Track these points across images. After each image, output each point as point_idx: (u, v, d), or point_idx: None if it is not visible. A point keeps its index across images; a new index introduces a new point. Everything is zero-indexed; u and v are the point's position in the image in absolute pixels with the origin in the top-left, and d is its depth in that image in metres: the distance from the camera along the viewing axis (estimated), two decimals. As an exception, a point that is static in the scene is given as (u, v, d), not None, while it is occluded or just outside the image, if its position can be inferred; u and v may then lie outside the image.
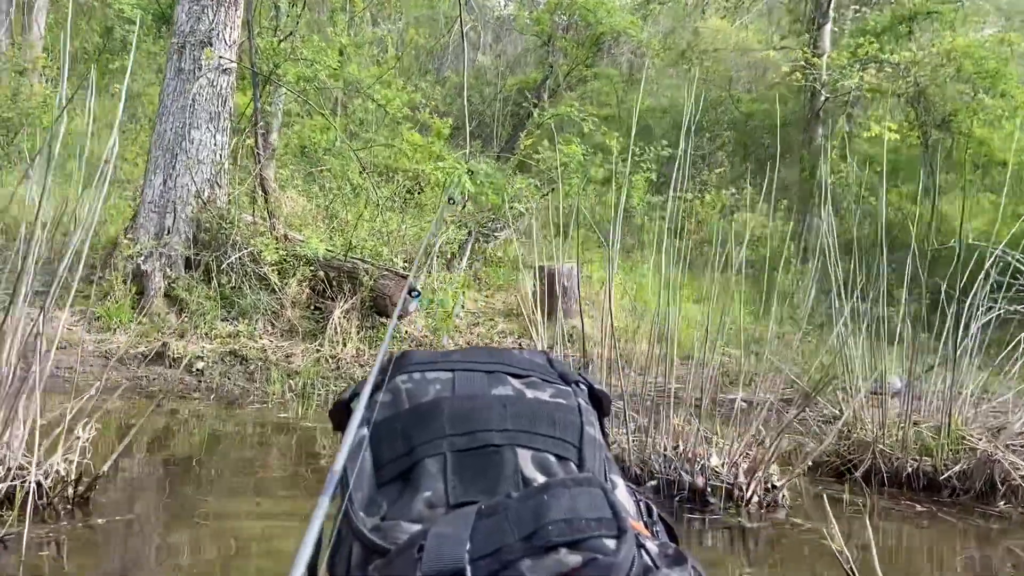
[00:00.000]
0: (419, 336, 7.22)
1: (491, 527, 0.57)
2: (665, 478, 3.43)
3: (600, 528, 0.57)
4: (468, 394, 0.75)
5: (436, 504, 0.65)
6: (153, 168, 7.14)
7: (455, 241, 8.75)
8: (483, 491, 0.65)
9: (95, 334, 6.31)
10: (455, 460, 0.68)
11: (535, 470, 0.68)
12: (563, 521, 0.57)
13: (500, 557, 0.55)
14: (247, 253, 6.88)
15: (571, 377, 0.81)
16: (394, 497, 0.68)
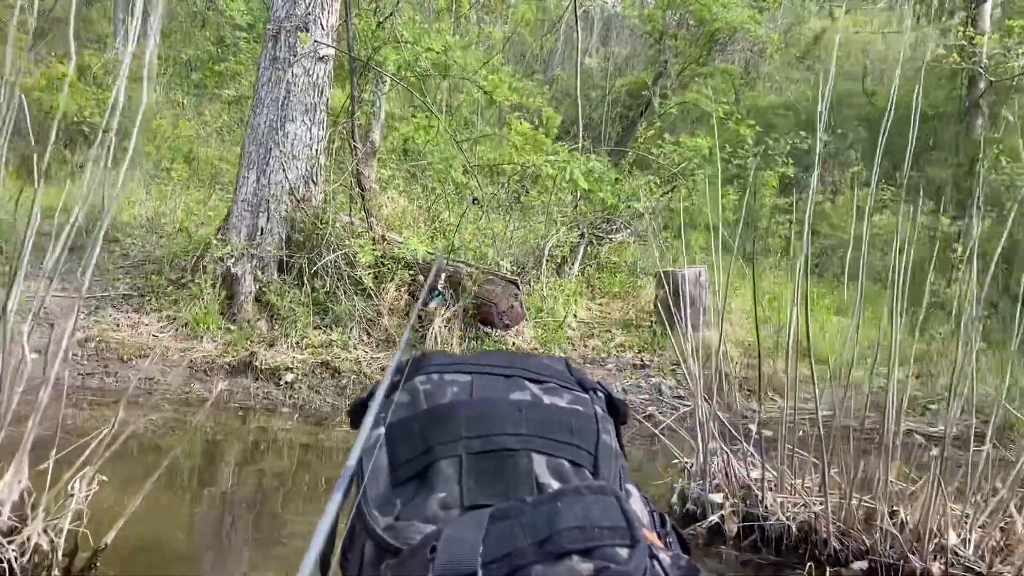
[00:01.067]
0: (527, 348, 6.43)
1: (504, 531, 0.57)
2: (882, 560, 2.46)
3: (613, 537, 0.56)
4: (485, 397, 0.74)
5: (450, 505, 0.64)
6: (247, 164, 6.68)
7: (566, 244, 7.94)
8: (497, 494, 0.64)
9: (181, 342, 5.85)
10: (470, 462, 0.67)
11: (550, 476, 0.67)
12: (576, 528, 0.56)
13: (512, 561, 0.54)
14: (342, 255, 6.30)
15: (589, 384, 0.81)
16: (409, 497, 0.67)
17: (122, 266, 6.82)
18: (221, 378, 5.57)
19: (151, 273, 6.46)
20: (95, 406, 4.76)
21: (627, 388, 5.91)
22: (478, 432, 0.70)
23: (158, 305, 6.16)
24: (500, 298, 6.12)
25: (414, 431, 0.72)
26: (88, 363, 5.30)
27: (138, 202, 8.11)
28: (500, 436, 0.70)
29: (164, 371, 5.46)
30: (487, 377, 0.77)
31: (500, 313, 6.13)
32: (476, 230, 6.69)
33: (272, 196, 6.58)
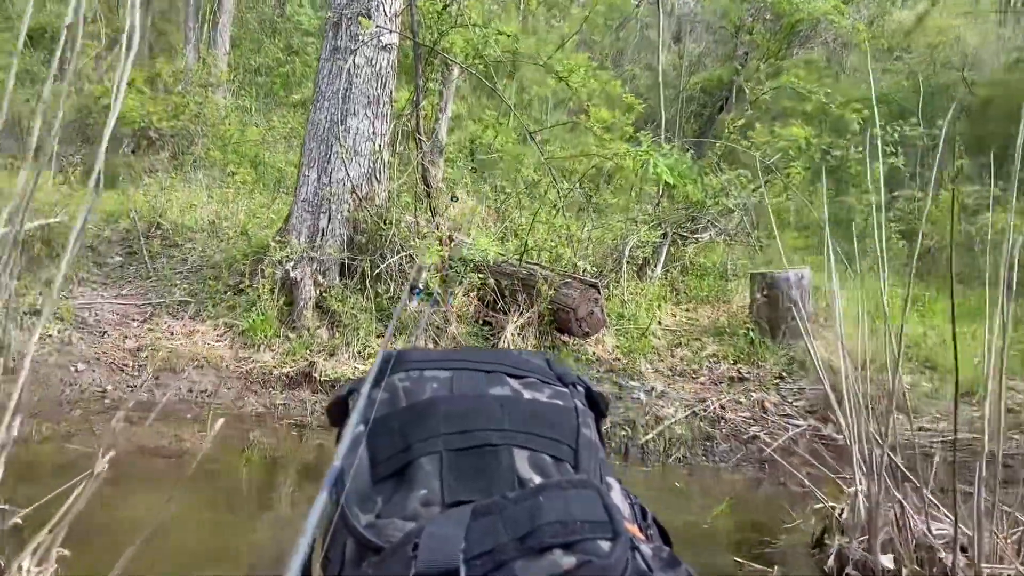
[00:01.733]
0: (609, 359, 5.81)
1: (486, 527, 0.56)
2: None
3: (595, 530, 0.56)
4: (466, 393, 0.75)
5: (431, 502, 0.64)
6: (307, 162, 6.29)
7: (647, 244, 7.28)
8: (478, 490, 0.64)
9: (237, 351, 5.46)
10: (451, 459, 0.67)
11: (531, 471, 0.67)
12: (558, 523, 0.56)
13: (494, 557, 0.54)
14: (406, 257, 5.82)
15: (569, 378, 0.82)
16: (389, 494, 0.67)
17: (180, 271, 6.52)
18: (277, 391, 5.14)
19: (209, 278, 6.12)
20: (136, 423, 4.38)
21: (725, 405, 5.23)
22: (458, 428, 0.70)
23: (215, 312, 5.80)
24: (579, 303, 5.53)
25: (394, 428, 0.72)
26: (139, 374, 4.95)
27: (200, 205, 7.84)
28: (481, 432, 0.70)
29: (217, 382, 5.07)
30: (467, 373, 0.78)
31: (579, 320, 5.54)
32: (551, 228, 6.11)
33: (334, 195, 6.16)
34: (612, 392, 5.36)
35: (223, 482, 3.81)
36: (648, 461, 4.43)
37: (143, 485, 3.65)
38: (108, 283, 6.19)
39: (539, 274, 5.67)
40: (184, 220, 7.56)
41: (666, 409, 5.09)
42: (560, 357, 5.62)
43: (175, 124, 10.41)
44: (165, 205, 7.63)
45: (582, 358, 5.71)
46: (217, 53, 13.99)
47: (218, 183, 8.99)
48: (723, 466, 4.45)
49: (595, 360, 5.76)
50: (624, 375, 5.60)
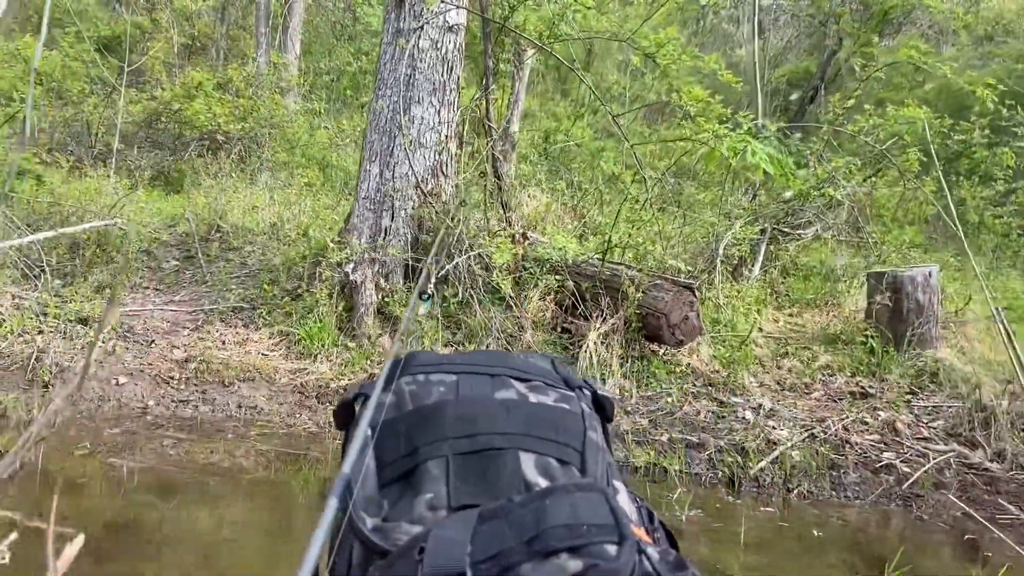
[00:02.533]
0: (706, 370, 5.09)
1: (492, 531, 0.56)
2: None
3: (601, 534, 0.56)
4: (472, 397, 0.74)
5: (438, 506, 0.64)
6: (369, 156, 5.79)
7: (743, 241, 6.51)
8: (485, 494, 0.64)
9: (292, 361, 4.98)
10: (457, 463, 0.67)
11: (537, 474, 0.67)
12: (564, 526, 0.56)
13: (501, 561, 0.54)
14: (476, 257, 5.24)
15: (575, 382, 0.81)
16: (396, 498, 0.67)
17: (237, 276, 6.12)
18: (334, 406, 4.62)
19: (265, 283, 5.69)
20: (177, 443, 3.92)
21: (848, 426, 4.44)
22: (465, 432, 0.69)
23: (270, 319, 5.35)
24: (671, 308, 4.83)
25: (400, 432, 0.71)
26: (185, 388, 4.51)
27: (262, 207, 7.48)
28: (487, 435, 0.69)
29: (270, 396, 4.59)
30: (473, 376, 0.77)
31: (672, 327, 4.84)
32: (636, 224, 5.42)
33: (397, 191, 5.64)
34: (712, 410, 4.65)
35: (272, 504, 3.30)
36: (766, 497, 3.70)
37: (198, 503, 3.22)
38: (162, 289, 5.83)
39: (625, 275, 5.00)
40: (245, 222, 7.21)
41: (779, 431, 4.34)
42: (651, 368, 4.94)
43: (243, 127, 10.17)
44: (226, 207, 7.29)
45: (675, 370, 5.01)
46: (287, 57, 13.87)
47: (282, 184, 8.66)
48: (859, 503, 3.68)
49: (690, 372, 5.04)
50: (725, 389, 4.87)
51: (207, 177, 8.24)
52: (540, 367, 0.81)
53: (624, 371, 4.87)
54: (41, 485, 3.27)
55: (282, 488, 3.63)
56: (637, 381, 4.85)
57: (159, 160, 10.01)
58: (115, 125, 10.18)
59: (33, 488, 3.24)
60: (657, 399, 4.75)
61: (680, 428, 4.41)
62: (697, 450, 4.14)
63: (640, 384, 4.84)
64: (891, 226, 6.95)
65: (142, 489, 3.41)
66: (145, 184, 9.37)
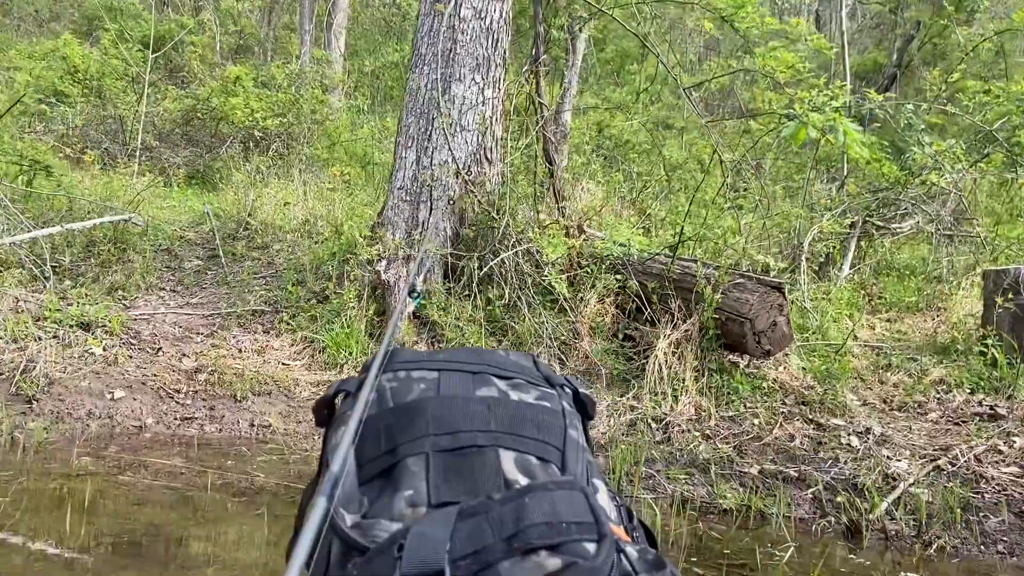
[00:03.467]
0: (797, 386, 4.29)
1: (472, 528, 0.56)
2: None
3: (581, 532, 0.56)
4: (452, 394, 0.74)
5: (418, 503, 0.64)
6: (404, 141, 5.16)
7: (830, 236, 5.67)
8: (465, 492, 0.64)
9: (316, 372, 4.37)
10: (438, 460, 0.67)
11: (517, 472, 0.67)
12: (544, 524, 0.56)
13: (480, 558, 0.54)
14: (524, 253, 4.56)
15: (556, 380, 0.81)
16: (375, 495, 0.67)
17: (263, 276, 5.55)
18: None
19: (290, 283, 5.10)
20: (161, 475, 3.29)
21: (980, 455, 3.60)
22: (445, 429, 0.69)
23: (293, 324, 4.75)
24: (757, 312, 4.05)
25: (380, 429, 0.70)
26: (191, 403, 3.92)
27: (295, 203, 6.93)
28: (468, 433, 0.69)
29: (287, 414, 3.97)
30: (454, 374, 0.76)
31: (757, 334, 4.07)
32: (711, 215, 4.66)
33: (436, 180, 4.99)
34: (809, 434, 3.86)
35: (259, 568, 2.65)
36: (897, 552, 2.89)
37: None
38: (179, 290, 5.29)
39: (700, 273, 4.25)
40: (275, 219, 6.66)
41: (896, 462, 3.53)
42: (732, 383, 4.17)
43: (281, 122, 9.70)
44: (256, 203, 6.76)
45: (761, 385, 4.23)
46: (331, 54, 13.46)
47: (316, 180, 8.13)
48: (1014, 560, 2.85)
49: (778, 388, 4.26)
50: (822, 409, 4.07)
51: (238, 172, 7.71)
52: (521, 364, 0.81)
53: (700, 387, 4.11)
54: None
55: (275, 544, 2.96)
56: (716, 399, 4.09)
57: (195, 158, 9.61)
58: (150, 122, 9.87)
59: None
60: (741, 420, 3.98)
61: (772, 457, 3.64)
62: (798, 487, 3.37)
63: (719, 402, 4.08)
64: (1004, 217, 6.02)
65: (86, 543, 2.71)
66: (180, 182, 8.98)
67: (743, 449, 3.76)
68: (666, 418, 3.95)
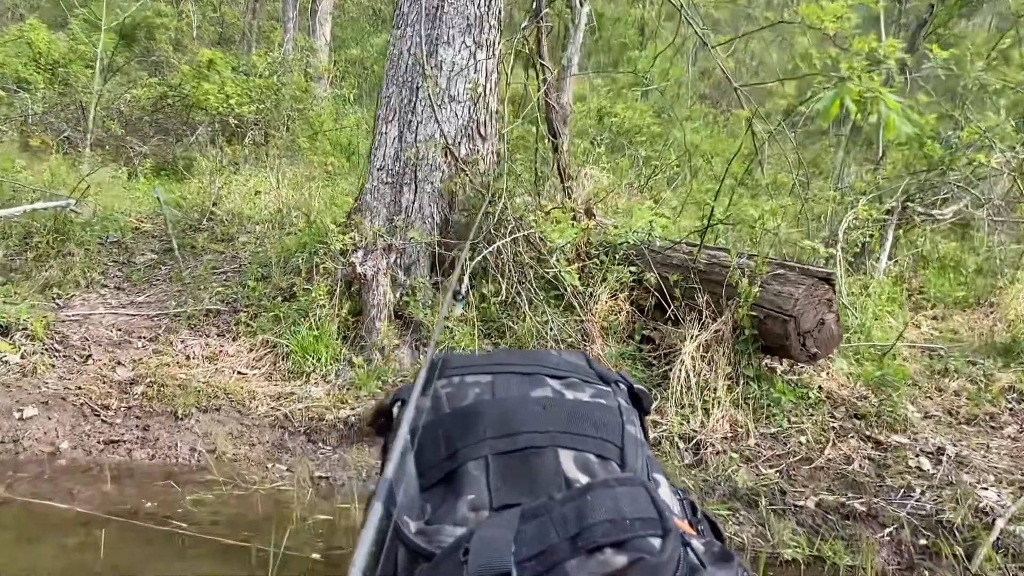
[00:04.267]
0: (847, 395, 3.63)
1: (536, 529, 0.56)
2: None
3: (645, 528, 0.55)
4: (508, 397, 0.74)
5: (480, 507, 0.64)
6: (385, 114, 4.48)
7: (866, 224, 5.02)
8: (526, 493, 0.64)
9: (277, 383, 3.69)
10: (497, 463, 0.67)
11: (577, 471, 0.66)
12: (608, 521, 0.55)
13: (546, 559, 0.54)
14: (524, 240, 3.89)
15: (610, 377, 0.80)
16: (438, 501, 0.67)
17: (224, 271, 4.87)
18: (328, 447, 3.31)
19: (253, 279, 4.42)
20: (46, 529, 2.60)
21: (1083, 482, 2.95)
22: (503, 432, 0.69)
23: (254, 326, 4.07)
24: (803, 308, 3.39)
25: (439, 435, 0.71)
26: (120, 422, 3.24)
27: (267, 192, 6.24)
28: (525, 434, 0.68)
29: (239, 434, 3.29)
30: (508, 376, 0.77)
31: (802, 334, 3.40)
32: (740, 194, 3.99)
33: (421, 159, 4.32)
34: (868, 455, 3.20)
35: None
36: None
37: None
38: (126, 287, 4.60)
39: (733, 262, 3.59)
40: (244, 209, 5.98)
41: (985, 492, 2.88)
42: (772, 394, 3.50)
43: (258, 108, 9.01)
44: (222, 192, 6.07)
45: (807, 395, 3.56)
46: (316, 42, 12.77)
47: (294, 169, 7.44)
48: None
49: (826, 398, 3.59)
50: (879, 424, 3.41)
51: (205, 159, 7.03)
52: (574, 363, 0.80)
53: (734, 398, 3.45)
54: None
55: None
56: (754, 412, 3.42)
57: (164, 147, 8.91)
58: (117, 110, 9.20)
59: None
60: (785, 439, 3.32)
61: (829, 485, 2.98)
62: (868, 525, 2.71)
63: (758, 416, 3.42)
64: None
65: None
66: (147, 173, 8.29)
67: (792, 475, 3.10)
68: (696, 436, 3.28)
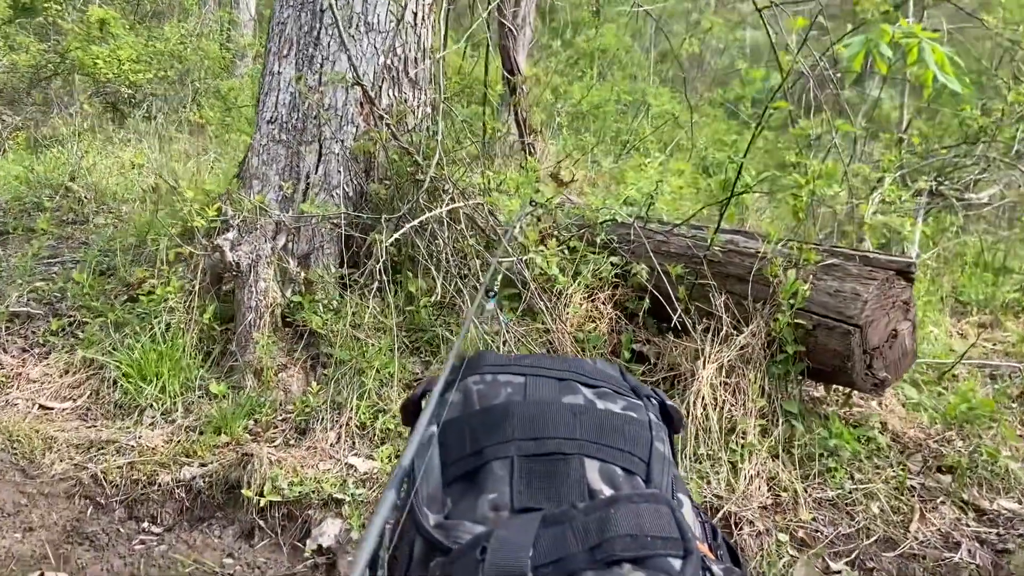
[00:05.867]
0: (920, 436, 2.58)
1: (555, 536, 0.55)
2: None
3: (666, 547, 0.54)
4: (539, 400, 0.73)
5: (501, 507, 0.63)
6: (278, 48, 3.29)
7: (893, 206, 4.02)
8: (548, 498, 0.63)
9: (98, 420, 2.46)
10: (522, 465, 0.66)
11: (601, 482, 0.65)
12: (628, 536, 0.54)
13: (563, 566, 0.53)
14: (465, 217, 2.75)
15: (643, 391, 0.79)
16: (459, 496, 0.66)
17: (59, 260, 3.59)
18: (162, 526, 2.11)
19: (89, 272, 3.16)
20: None
21: None
22: (531, 434, 0.68)
23: (82, 338, 2.82)
24: (872, 313, 2.32)
25: (466, 431, 0.70)
26: None
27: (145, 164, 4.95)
28: (553, 439, 0.67)
29: (15, 510, 2.06)
30: (541, 379, 0.76)
31: (869, 352, 2.34)
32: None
33: (328, 109, 3.14)
34: (978, 532, 2.15)
35: None
36: None
37: None
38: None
39: (770, 249, 2.50)
40: (111, 185, 4.69)
41: None
42: (826, 440, 2.42)
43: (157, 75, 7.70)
44: (84, 164, 4.77)
45: (870, 438, 2.50)
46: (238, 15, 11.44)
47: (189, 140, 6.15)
48: None
49: (892, 442, 2.54)
50: (974, 481, 2.37)
51: (64, 126, 5.71)
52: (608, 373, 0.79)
53: (771, 444, 2.36)
54: None
55: None
56: (800, 465, 2.34)
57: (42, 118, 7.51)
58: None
59: None
60: (850, 506, 2.24)
61: (939, 591, 1.92)
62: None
63: (807, 472, 2.34)
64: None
65: None
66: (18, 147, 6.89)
67: (867, 567, 2.03)
68: (722, 505, 2.19)
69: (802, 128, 2.88)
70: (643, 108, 5.67)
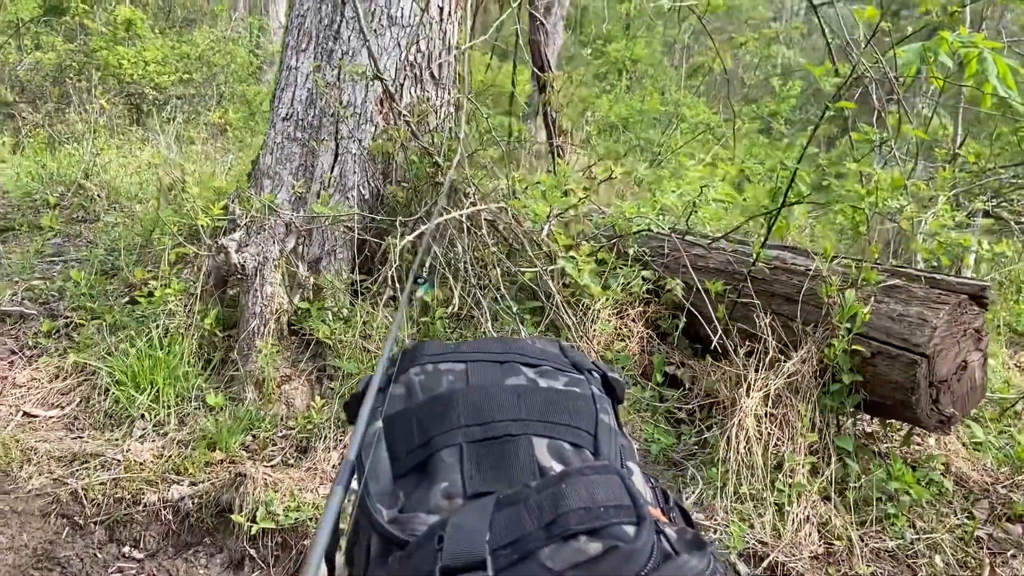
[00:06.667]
0: (983, 481, 2.32)
1: (510, 517, 0.55)
2: None
3: (619, 515, 0.55)
4: (482, 384, 0.73)
5: (454, 495, 0.63)
6: (297, 42, 3.12)
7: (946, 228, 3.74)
8: (500, 481, 0.63)
9: (83, 433, 2.27)
10: (471, 450, 0.66)
11: (551, 459, 0.65)
12: (582, 509, 0.55)
13: (520, 546, 0.53)
14: (487, 223, 2.55)
15: (584, 365, 0.79)
16: (411, 489, 0.65)
17: (62, 259, 3.43)
18: (145, 551, 1.90)
19: (91, 271, 3.00)
20: None
21: None
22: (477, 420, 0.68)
23: (75, 341, 2.64)
24: (941, 342, 2.08)
25: (412, 423, 0.69)
26: None
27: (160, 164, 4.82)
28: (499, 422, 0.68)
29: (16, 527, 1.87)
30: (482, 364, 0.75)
31: (936, 385, 2.08)
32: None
33: (346, 106, 2.96)
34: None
35: None
36: None
37: None
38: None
39: (826, 266, 2.27)
40: (125, 184, 4.55)
41: None
42: (886, 482, 2.16)
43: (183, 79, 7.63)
44: (99, 162, 4.65)
45: (938, 484, 2.23)
46: (268, 21, 11.46)
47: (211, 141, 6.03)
48: None
49: (958, 486, 2.27)
50: (1054, 534, 2.10)
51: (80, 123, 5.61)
52: (548, 351, 0.80)
53: (823, 485, 2.11)
54: None
55: None
56: (855, 510, 2.09)
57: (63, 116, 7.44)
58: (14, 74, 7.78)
59: None
60: (912, 558, 1.99)
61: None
62: None
63: (863, 517, 2.08)
64: None
65: None
66: (38, 144, 6.82)
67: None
68: (767, 552, 1.94)
69: (866, 132, 2.63)
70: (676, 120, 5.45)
